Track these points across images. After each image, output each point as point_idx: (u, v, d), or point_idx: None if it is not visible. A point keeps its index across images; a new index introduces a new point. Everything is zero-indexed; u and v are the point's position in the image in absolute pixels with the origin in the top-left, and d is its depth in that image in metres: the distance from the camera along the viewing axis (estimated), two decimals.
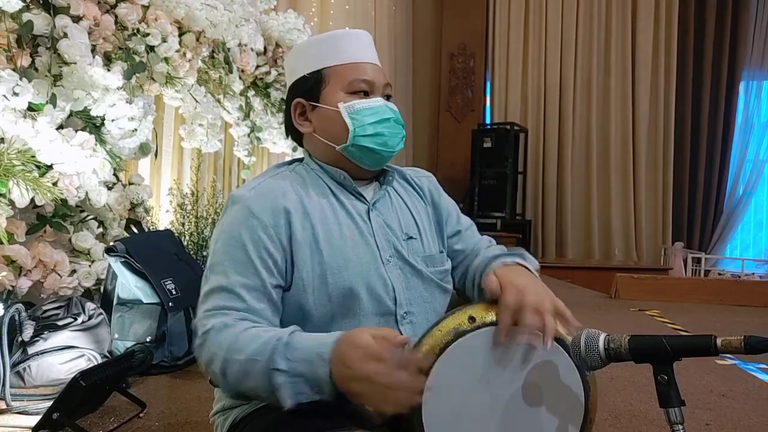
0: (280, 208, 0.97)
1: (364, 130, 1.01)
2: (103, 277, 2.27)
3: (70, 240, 2.19)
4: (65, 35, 2.03)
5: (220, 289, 0.93)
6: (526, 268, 1.00)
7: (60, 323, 1.96)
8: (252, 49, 3.20)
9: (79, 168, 2.02)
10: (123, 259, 2.17)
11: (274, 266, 0.95)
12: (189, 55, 2.62)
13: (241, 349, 0.86)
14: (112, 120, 2.19)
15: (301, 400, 0.84)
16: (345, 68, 1.04)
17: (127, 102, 2.21)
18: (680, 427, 0.76)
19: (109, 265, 2.24)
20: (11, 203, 1.87)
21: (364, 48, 1.07)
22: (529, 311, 0.86)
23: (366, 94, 1.04)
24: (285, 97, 1.13)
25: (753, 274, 6.80)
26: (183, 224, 3.33)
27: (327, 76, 1.04)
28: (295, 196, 1.00)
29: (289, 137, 1.13)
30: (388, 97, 1.06)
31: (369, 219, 1.03)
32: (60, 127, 2.06)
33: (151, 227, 2.86)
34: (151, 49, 2.41)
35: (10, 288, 1.93)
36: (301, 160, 1.11)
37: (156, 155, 3.05)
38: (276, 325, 0.95)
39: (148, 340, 2.16)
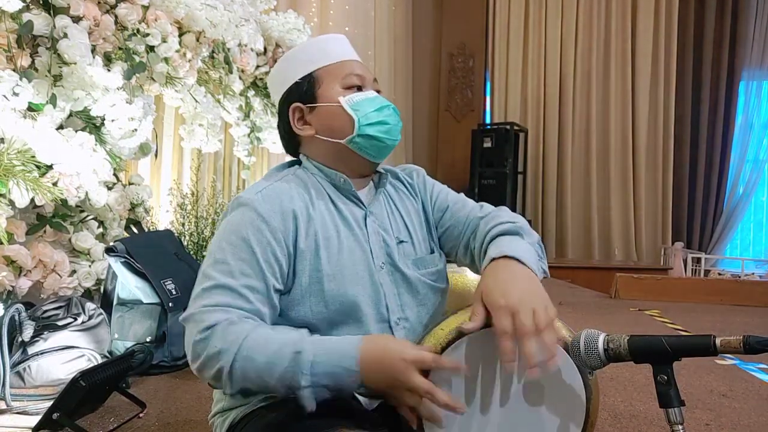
0: (288, 212, 0.98)
1: (368, 118, 1.03)
2: (103, 277, 2.27)
3: (70, 240, 2.19)
4: (65, 35, 2.03)
5: (225, 287, 0.91)
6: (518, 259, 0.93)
7: (60, 323, 1.96)
8: (252, 49, 3.20)
9: (79, 168, 2.02)
10: (123, 259, 2.18)
11: (279, 270, 0.95)
12: (189, 55, 2.62)
13: (254, 349, 0.86)
14: (112, 120, 2.19)
15: (321, 399, 0.87)
16: (336, 66, 1.07)
17: (127, 102, 2.21)
18: (680, 427, 0.76)
19: (109, 265, 2.24)
20: (11, 203, 1.87)
21: (347, 48, 1.11)
22: (503, 313, 0.83)
23: (359, 89, 1.06)
24: (277, 113, 1.14)
25: (753, 274, 6.79)
26: (183, 224, 3.33)
27: (320, 76, 1.06)
28: (302, 202, 1.00)
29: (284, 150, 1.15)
30: (377, 92, 1.09)
31: (365, 225, 1.04)
32: (60, 127, 2.06)
33: (151, 227, 2.86)
34: (151, 49, 2.41)
35: (10, 288, 1.93)
36: (299, 162, 1.12)
37: (156, 155, 3.05)
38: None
39: (148, 340, 2.16)
